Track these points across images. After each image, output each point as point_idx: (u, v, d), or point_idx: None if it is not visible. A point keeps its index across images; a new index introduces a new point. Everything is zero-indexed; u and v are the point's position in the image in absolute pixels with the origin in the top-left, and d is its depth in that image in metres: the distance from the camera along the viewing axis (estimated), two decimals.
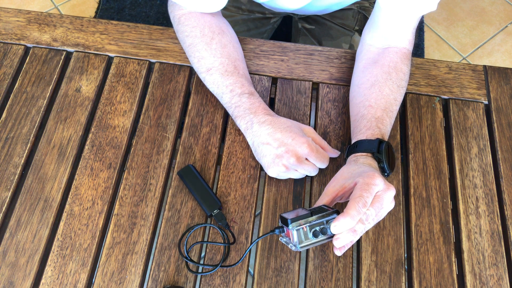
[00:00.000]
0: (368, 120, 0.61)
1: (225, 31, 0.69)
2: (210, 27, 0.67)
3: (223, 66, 0.65)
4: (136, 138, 0.67)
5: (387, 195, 0.49)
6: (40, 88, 0.71)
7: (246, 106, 0.63)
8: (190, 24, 0.67)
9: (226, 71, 0.64)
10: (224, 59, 0.65)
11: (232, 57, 0.66)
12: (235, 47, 0.68)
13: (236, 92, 0.63)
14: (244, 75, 0.66)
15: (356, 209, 0.47)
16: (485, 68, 0.76)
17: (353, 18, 0.92)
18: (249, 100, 0.63)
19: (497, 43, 1.63)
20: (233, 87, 0.63)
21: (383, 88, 0.63)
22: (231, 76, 0.64)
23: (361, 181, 0.49)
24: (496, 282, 0.59)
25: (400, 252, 0.61)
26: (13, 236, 0.60)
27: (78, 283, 0.58)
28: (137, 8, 1.62)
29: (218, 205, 0.61)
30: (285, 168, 0.59)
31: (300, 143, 0.59)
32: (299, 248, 0.49)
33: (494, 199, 0.65)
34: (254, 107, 0.62)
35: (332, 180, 0.55)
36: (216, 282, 0.58)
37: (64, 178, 0.64)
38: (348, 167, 0.56)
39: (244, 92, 0.63)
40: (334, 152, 0.65)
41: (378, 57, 0.66)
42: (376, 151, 0.57)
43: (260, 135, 0.61)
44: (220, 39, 0.67)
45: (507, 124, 0.71)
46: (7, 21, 0.77)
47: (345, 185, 0.52)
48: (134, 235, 0.61)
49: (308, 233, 0.49)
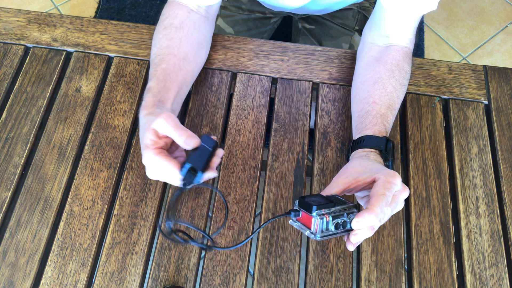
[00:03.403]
0: (374, 117, 0.60)
1: (185, 27, 0.65)
2: (172, 19, 0.66)
3: (153, 57, 0.63)
4: (136, 138, 0.67)
5: (402, 196, 0.49)
6: (40, 88, 0.71)
7: (142, 99, 0.60)
8: (162, 12, 0.68)
9: (153, 62, 0.63)
10: (159, 50, 0.63)
11: (168, 50, 0.63)
12: (181, 43, 0.64)
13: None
14: (165, 69, 0.61)
15: (380, 207, 0.46)
16: (485, 68, 0.76)
17: (353, 18, 0.92)
18: (144, 96, 0.59)
19: (497, 43, 1.63)
20: (148, 78, 0.62)
21: (387, 85, 0.63)
22: (151, 68, 0.62)
23: (383, 179, 0.48)
24: (496, 282, 0.59)
25: (400, 252, 0.61)
26: (13, 236, 0.60)
27: (78, 283, 0.58)
28: (137, 8, 1.62)
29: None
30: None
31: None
32: (317, 238, 0.47)
33: (494, 199, 0.64)
34: (142, 103, 0.58)
35: (343, 171, 0.54)
36: (216, 282, 0.58)
37: (64, 178, 0.64)
38: (360, 161, 0.55)
39: (146, 87, 0.60)
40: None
41: (380, 55, 0.66)
42: (384, 149, 0.57)
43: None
44: (170, 31, 0.64)
45: (507, 124, 0.71)
46: (7, 21, 0.77)
47: (359, 178, 0.51)
48: (134, 235, 0.61)
49: (330, 223, 0.47)
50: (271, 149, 0.67)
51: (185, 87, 0.64)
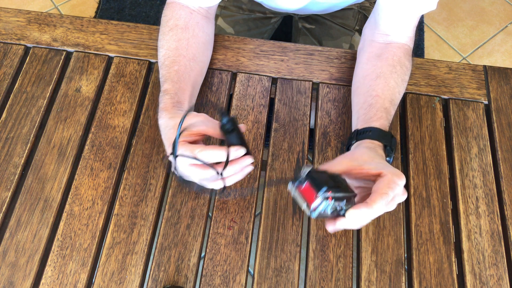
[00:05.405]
0: (378, 110, 0.60)
1: (190, 27, 0.66)
2: (176, 20, 0.66)
3: (163, 59, 0.64)
4: (136, 138, 0.67)
5: (400, 198, 0.49)
6: (40, 88, 0.71)
7: (159, 101, 0.61)
8: (164, 13, 0.68)
9: (163, 64, 0.63)
10: (168, 52, 0.64)
11: (178, 51, 0.64)
12: (189, 44, 0.65)
13: (161, 86, 0.62)
14: (177, 70, 0.62)
15: (379, 205, 0.45)
16: (485, 68, 0.76)
17: (353, 18, 0.92)
18: (159, 99, 0.60)
19: (497, 43, 1.63)
20: (161, 81, 0.62)
21: (389, 80, 0.63)
22: (163, 69, 0.63)
23: (389, 177, 0.47)
24: (496, 282, 0.59)
25: (400, 252, 0.61)
26: (13, 236, 0.60)
27: (78, 283, 0.58)
28: (137, 8, 1.62)
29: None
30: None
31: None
32: (313, 215, 0.46)
33: (494, 199, 0.65)
34: (160, 106, 0.60)
35: (349, 154, 0.53)
36: (216, 282, 0.58)
37: (64, 178, 0.64)
38: (368, 152, 0.54)
39: (161, 89, 0.61)
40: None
41: (381, 51, 0.66)
42: (389, 145, 0.57)
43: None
44: (177, 32, 0.65)
45: (507, 124, 0.71)
46: (7, 21, 0.77)
47: (364, 167, 0.50)
48: (134, 235, 0.61)
49: (329, 206, 0.45)
50: (271, 149, 0.67)
51: (197, 86, 0.66)
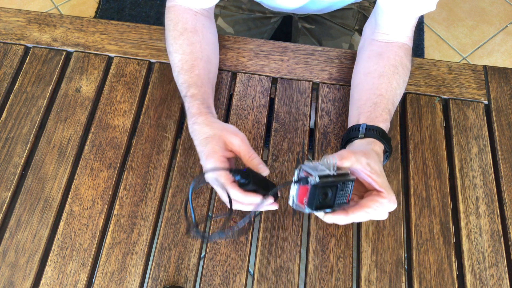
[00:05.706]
0: (383, 110, 0.60)
1: (198, 30, 0.67)
2: (184, 24, 0.66)
3: (181, 63, 0.64)
4: (136, 138, 0.67)
5: (382, 218, 0.50)
6: (40, 88, 0.71)
7: (186, 107, 0.62)
8: (169, 17, 0.68)
9: (182, 69, 0.64)
10: (185, 56, 0.64)
11: (194, 55, 0.65)
12: (202, 47, 0.66)
13: (183, 93, 0.63)
14: (199, 75, 0.63)
15: (357, 218, 0.48)
16: (485, 68, 0.76)
17: (353, 17, 0.92)
18: (188, 104, 0.61)
19: (497, 43, 1.63)
20: (182, 88, 0.63)
21: (392, 80, 0.63)
22: (184, 75, 0.63)
23: (385, 201, 0.48)
24: (496, 282, 0.59)
25: (400, 252, 0.61)
26: (13, 236, 0.60)
27: (78, 283, 0.58)
28: (137, 8, 1.62)
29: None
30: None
31: (205, 167, 0.55)
32: (306, 211, 0.48)
33: (494, 199, 0.65)
34: (189, 112, 0.61)
35: (366, 155, 0.51)
36: (216, 282, 0.58)
37: (64, 178, 0.64)
38: (378, 160, 0.52)
39: (186, 95, 0.62)
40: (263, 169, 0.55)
41: (382, 50, 0.66)
42: (389, 151, 0.58)
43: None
44: (188, 36, 0.66)
45: (507, 124, 0.71)
46: (7, 21, 0.77)
47: (373, 177, 0.50)
48: (134, 235, 0.61)
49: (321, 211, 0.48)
50: (271, 149, 0.67)
51: (213, 87, 0.67)
